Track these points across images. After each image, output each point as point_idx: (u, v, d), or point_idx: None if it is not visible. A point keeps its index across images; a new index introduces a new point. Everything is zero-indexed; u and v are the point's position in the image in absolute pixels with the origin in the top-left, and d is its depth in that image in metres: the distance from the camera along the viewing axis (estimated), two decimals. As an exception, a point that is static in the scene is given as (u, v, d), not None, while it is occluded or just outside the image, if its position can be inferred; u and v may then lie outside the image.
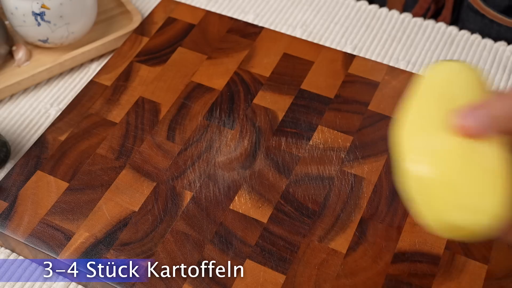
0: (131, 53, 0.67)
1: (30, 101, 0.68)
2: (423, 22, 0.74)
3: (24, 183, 0.56)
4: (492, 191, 0.36)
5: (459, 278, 0.50)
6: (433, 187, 0.36)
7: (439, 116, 0.38)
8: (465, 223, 0.35)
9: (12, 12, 0.66)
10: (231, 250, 0.52)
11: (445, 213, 0.36)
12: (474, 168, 0.36)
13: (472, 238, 0.37)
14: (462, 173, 0.36)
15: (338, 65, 0.65)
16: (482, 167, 0.36)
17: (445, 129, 0.37)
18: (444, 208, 0.36)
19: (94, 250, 0.52)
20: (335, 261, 0.51)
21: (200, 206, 0.54)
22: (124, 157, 0.58)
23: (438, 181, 0.36)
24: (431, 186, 0.36)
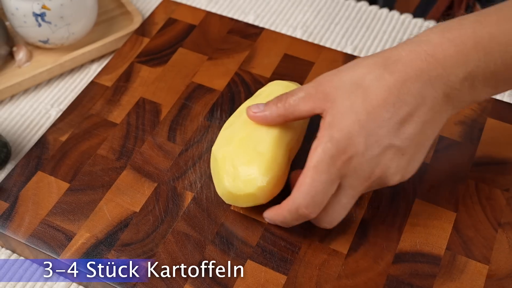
0: (132, 54, 0.67)
1: (31, 101, 0.68)
2: (423, 22, 0.74)
3: (25, 184, 0.56)
4: (258, 169, 0.50)
5: (460, 278, 0.50)
6: (221, 164, 0.51)
7: (245, 116, 0.52)
8: (238, 191, 0.50)
9: (12, 13, 0.66)
10: (232, 250, 0.52)
11: (226, 183, 0.51)
12: (250, 150, 0.51)
13: (247, 204, 0.51)
14: (240, 154, 0.51)
15: (339, 65, 0.64)
16: (256, 150, 0.50)
17: (244, 123, 0.52)
18: (226, 179, 0.51)
19: (95, 250, 0.52)
20: (336, 261, 0.51)
21: (201, 206, 0.54)
22: (125, 158, 0.58)
23: (224, 159, 0.51)
24: (219, 163, 0.51)
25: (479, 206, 0.54)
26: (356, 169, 0.46)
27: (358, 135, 0.46)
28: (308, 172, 0.46)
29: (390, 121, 0.46)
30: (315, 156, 0.46)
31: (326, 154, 0.46)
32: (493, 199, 0.54)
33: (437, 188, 0.55)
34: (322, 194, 0.47)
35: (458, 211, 0.54)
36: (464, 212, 0.54)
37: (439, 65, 0.45)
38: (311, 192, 0.46)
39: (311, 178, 0.46)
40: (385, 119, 0.46)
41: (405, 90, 0.45)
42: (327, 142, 0.46)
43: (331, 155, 0.46)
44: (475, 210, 0.54)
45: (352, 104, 0.46)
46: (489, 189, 0.55)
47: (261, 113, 0.51)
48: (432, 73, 0.45)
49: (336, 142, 0.46)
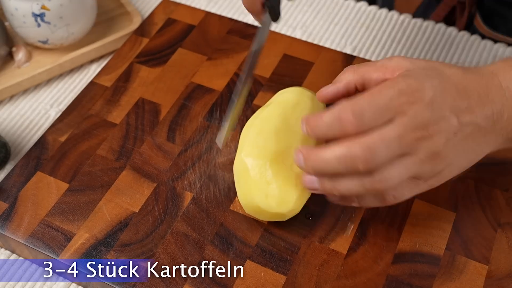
0: (131, 54, 0.67)
1: (30, 102, 0.68)
2: (423, 22, 0.74)
3: (24, 184, 0.56)
4: (294, 190, 0.50)
5: (460, 278, 0.50)
6: (253, 175, 0.50)
7: (276, 125, 0.52)
8: (269, 209, 0.50)
9: (12, 13, 0.66)
10: (232, 250, 0.52)
11: (256, 197, 0.50)
12: (286, 168, 0.50)
13: (269, 219, 0.52)
14: (276, 171, 0.50)
15: (338, 66, 0.65)
16: (292, 169, 0.50)
17: (277, 132, 0.51)
18: (257, 193, 0.50)
19: (95, 251, 0.52)
20: (336, 261, 0.51)
21: (201, 207, 0.54)
22: (124, 158, 0.58)
23: (257, 171, 0.50)
24: (251, 173, 0.50)
25: (479, 206, 0.54)
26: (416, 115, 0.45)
27: (428, 89, 0.46)
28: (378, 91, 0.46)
29: (459, 101, 0.47)
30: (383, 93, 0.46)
31: (395, 89, 0.46)
32: (492, 199, 0.54)
33: (437, 188, 0.55)
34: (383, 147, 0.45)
35: (458, 211, 0.54)
36: (464, 212, 0.54)
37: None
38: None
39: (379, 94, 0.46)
40: (454, 97, 0.47)
41: (484, 87, 0.48)
42: (399, 81, 0.46)
43: (400, 90, 0.46)
44: (474, 210, 0.54)
45: (429, 77, 0.47)
46: (489, 189, 0.55)
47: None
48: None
49: (407, 84, 0.46)
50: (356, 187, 0.46)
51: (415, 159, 0.46)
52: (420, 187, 0.48)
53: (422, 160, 0.46)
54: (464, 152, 0.48)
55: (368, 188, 0.46)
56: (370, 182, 0.46)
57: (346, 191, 0.47)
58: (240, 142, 0.53)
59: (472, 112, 0.47)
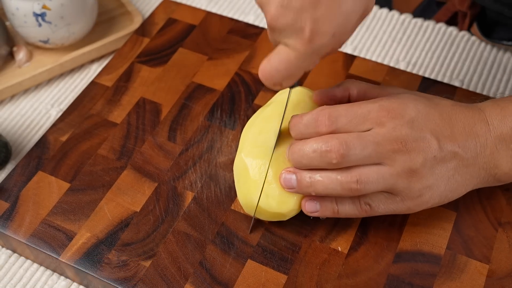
0: (132, 54, 0.67)
1: (31, 101, 0.68)
2: (423, 22, 0.74)
3: (25, 184, 0.56)
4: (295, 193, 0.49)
5: (461, 278, 0.50)
6: (253, 174, 0.50)
7: (277, 125, 0.52)
8: (269, 208, 0.50)
9: (13, 13, 0.66)
10: (233, 250, 0.52)
11: (255, 197, 0.50)
12: (286, 168, 0.49)
13: (269, 219, 0.51)
14: (277, 171, 0.50)
15: (339, 65, 0.65)
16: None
17: (277, 135, 0.51)
18: (256, 193, 0.50)
19: (96, 250, 0.52)
20: (337, 261, 0.51)
21: (202, 206, 0.54)
22: (125, 158, 0.58)
23: (257, 170, 0.50)
24: (251, 173, 0.50)
25: (480, 205, 0.54)
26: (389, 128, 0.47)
27: (411, 109, 0.48)
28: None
29: (442, 128, 0.48)
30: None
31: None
32: (493, 199, 0.54)
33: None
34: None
35: (459, 211, 0.54)
36: (465, 212, 0.54)
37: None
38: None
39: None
40: (438, 123, 0.48)
41: (469, 120, 0.49)
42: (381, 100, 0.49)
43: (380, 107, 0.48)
44: (475, 210, 0.54)
45: (415, 100, 0.49)
46: (490, 189, 0.55)
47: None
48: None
49: (390, 102, 0.48)
50: (332, 182, 0.47)
51: (391, 170, 0.47)
52: (397, 205, 0.49)
53: (398, 173, 0.47)
54: (446, 179, 0.48)
55: (343, 186, 0.47)
56: (345, 178, 0.47)
57: (322, 187, 0.48)
58: (241, 141, 0.53)
59: (455, 141, 0.48)
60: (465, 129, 0.49)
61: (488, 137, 0.49)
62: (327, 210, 0.50)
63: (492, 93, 0.67)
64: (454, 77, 0.69)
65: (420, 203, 0.49)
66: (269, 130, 0.52)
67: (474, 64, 0.70)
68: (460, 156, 0.48)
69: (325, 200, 0.50)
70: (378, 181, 0.47)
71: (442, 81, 0.67)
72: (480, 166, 0.49)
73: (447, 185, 0.49)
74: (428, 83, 0.63)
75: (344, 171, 0.48)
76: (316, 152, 0.47)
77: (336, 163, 0.47)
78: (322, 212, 0.50)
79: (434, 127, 0.48)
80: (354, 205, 0.49)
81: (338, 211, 0.50)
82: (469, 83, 0.68)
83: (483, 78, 0.68)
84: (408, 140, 0.47)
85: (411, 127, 0.48)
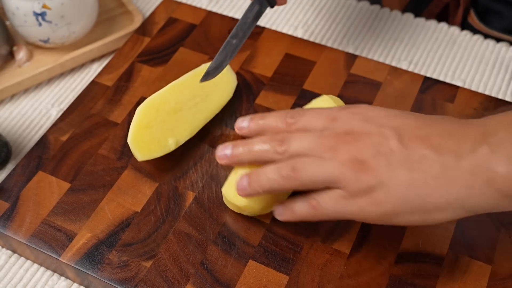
0: (133, 53, 0.67)
1: (31, 101, 0.68)
2: (425, 22, 0.74)
3: (25, 184, 0.56)
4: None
5: (463, 278, 0.50)
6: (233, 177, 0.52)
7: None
8: (227, 196, 0.52)
9: (13, 12, 0.66)
10: (234, 250, 0.51)
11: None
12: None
13: (237, 210, 0.53)
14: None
15: (340, 65, 0.65)
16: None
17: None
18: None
19: (97, 250, 0.52)
20: (339, 261, 0.51)
21: (203, 206, 0.54)
22: (126, 158, 0.58)
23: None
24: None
25: (482, 205, 0.54)
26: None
27: (372, 111, 0.47)
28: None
29: (413, 127, 0.45)
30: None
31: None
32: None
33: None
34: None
35: (461, 211, 0.54)
36: (467, 212, 0.54)
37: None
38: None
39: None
40: (409, 122, 0.46)
41: (456, 126, 0.44)
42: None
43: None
44: (477, 210, 0.54)
45: (386, 110, 0.48)
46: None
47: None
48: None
49: (354, 106, 0.49)
50: (272, 171, 0.47)
51: (334, 160, 0.45)
52: (347, 203, 0.45)
53: (342, 162, 0.44)
54: (408, 180, 0.43)
55: (281, 173, 0.46)
56: (283, 165, 0.47)
57: (265, 178, 0.47)
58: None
59: (426, 141, 0.43)
60: (447, 132, 0.44)
61: (480, 139, 0.42)
62: (286, 211, 0.49)
63: (494, 93, 0.67)
64: (456, 76, 0.68)
65: (373, 202, 0.44)
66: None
67: (476, 64, 0.70)
68: (431, 157, 0.43)
69: (286, 201, 0.50)
70: (316, 169, 0.45)
71: (444, 80, 0.67)
72: (465, 170, 0.42)
73: (412, 188, 0.43)
74: (430, 83, 0.63)
75: (284, 160, 0.47)
76: (265, 142, 0.48)
77: (280, 152, 0.47)
78: (285, 216, 0.49)
79: (400, 126, 0.44)
80: (303, 200, 0.47)
81: (293, 210, 0.48)
82: (471, 82, 0.68)
83: (485, 78, 0.68)
84: (356, 132, 0.45)
85: (366, 121, 0.45)
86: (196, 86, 0.59)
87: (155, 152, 0.55)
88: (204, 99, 0.59)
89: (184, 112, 0.57)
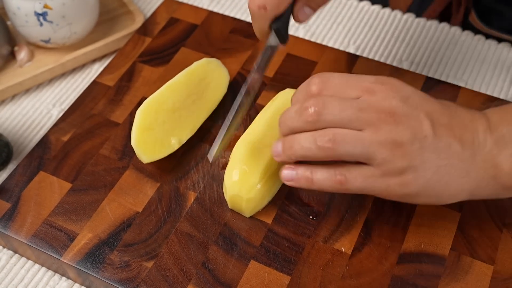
0: (134, 54, 0.67)
1: (32, 101, 0.68)
2: (426, 22, 0.74)
3: (27, 184, 0.56)
4: (257, 175, 0.52)
5: (465, 279, 0.50)
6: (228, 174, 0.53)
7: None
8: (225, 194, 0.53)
9: (14, 12, 0.66)
10: (236, 251, 0.51)
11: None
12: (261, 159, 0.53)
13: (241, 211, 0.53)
14: (244, 176, 0.52)
15: (342, 65, 0.65)
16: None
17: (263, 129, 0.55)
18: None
19: (98, 251, 0.52)
20: (340, 262, 0.51)
21: (204, 206, 0.54)
22: (127, 158, 0.58)
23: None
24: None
25: (484, 206, 0.54)
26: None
27: (408, 90, 0.47)
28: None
29: (440, 115, 0.46)
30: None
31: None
32: (497, 199, 0.54)
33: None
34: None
35: (463, 211, 0.54)
36: (469, 212, 0.53)
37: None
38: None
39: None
40: (436, 109, 0.47)
41: (470, 117, 0.48)
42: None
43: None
44: (479, 210, 0.54)
45: (416, 91, 0.48)
46: (494, 189, 0.55)
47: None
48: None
49: (388, 79, 0.48)
50: (307, 140, 0.46)
51: (373, 136, 0.45)
52: (376, 181, 0.46)
53: (381, 141, 0.45)
54: (435, 167, 0.45)
55: (317, 144, 0.45)
56: (319, 135, 0.46)
57: (299, 146, 0.46)
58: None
59: (451, 130, 0.46)
60: (464, 123, 0.47)
61: (487, 134, 0.46)
62: (302, 177, 0.48)
63: (496, 93, 0.67)
64: (458, 76, 0.68)
65: (401, 183, 0.46)
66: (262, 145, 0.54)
67: (478, 64, 0.69)
68: (455, 148, 0.46)
69: (301, 167, 0.48)
70: (355, 144, 0.45)
71: (446, 80, 0.67)
72: (478, 165, 0.46)
73: (436, 175, 0.46)
74: (431, 83, 0.62)
75: (320, 130, 0.46)
76: (297, 112, 0.47)
77: (312, 120, 0.46)
78: (297, 180, 0.48)
79: (431, 111, 0.46)
80: (329, 174, 0.47)
81: (312, 180, 0.47)
82: (472, 83, 0.68)
83: (487, 78, 0.68)
84: (397, 113, 0.45)
85: (405, 102, 0.45)
86: (191, 84, 0.59)
87: (160, 152, 0.55)
88: (201, 97, 0.59)
89: (183, 111, 0.57)
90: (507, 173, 0.46)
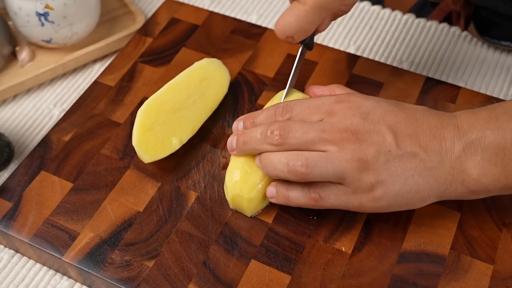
0: (135, 54, 0.67)
1: (34, 101, 0.68)
2: (426, 23, 0.74)
3: (28, 184, 0.56)
4: (257, 175, 0.52)
5: (465, 278, 0.50)
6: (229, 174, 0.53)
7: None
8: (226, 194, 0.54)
9: (15, 12, 0.66)
10: (236, 250, 0.52)
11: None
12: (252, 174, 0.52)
13: (242, 210, 0.53)
14: (245, 175, 0.52)
15: (342, 65, 0.65)
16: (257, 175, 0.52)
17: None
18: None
19: (99, 250, 0.52)
20: (341, 261, 0.51)
21: (205, 206, 0.54)
22: (128, 158, 0.58)
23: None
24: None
25: (484, 205, 0.54)
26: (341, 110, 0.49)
27: (369, 104, 0.49)
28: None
29: (404, 126, 0.48)
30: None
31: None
32: (497, 199, 0.54)
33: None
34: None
35: (463, 211, 0.54)
36: (469, 212, 0.54)
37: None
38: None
39: None
40: (400, 121, 0.48)
41: (438, 123, 0.48)
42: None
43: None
44: (479, 210, 0.54)
45: (379, 100, 0.50)
46: (493, 189, 0.55)
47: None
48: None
49: (347, 96, 0.50)
50: (280, 163, 0.48)
51: (340, 156, 0.47)
52: (348, 198, 0.48)
53: (347, 160, 0.47)
54: (403, 178, 0.47)
55: (289, 168, 0.47)
56: (291, 159, 0.48)
57: (271, 167, 0.49)
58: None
59: (416, 140, 0.47)
60: (431, 130, 0.48)
61: (456, 140, 0.47)
62: (280, 195, 0.51)
63: (496, 93, 0.67)
64: (458, 77, 0.69)
65: (373, 199, 0.48)
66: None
67: (478, 65, 0.70)
68: (420, 157, 0.47)
69: (280, 185, 0.51)
70: (326, 166, 0.47)
71: (446, 81, 0.67)
72: (446, 171, 0.47)
73: (405, 186, 0.47)
74: (431, 83, 0.63)
75: (292, 153, 0.48)
76: (262, 134, 0.49)
77: (277, 143, 0.48)
78: (277, 197, 0.51)
79: (393, 123, 0.48)
80: (303, 192, 0.49)
81: (288, 197, 0.50)
82: (472, 83, 0.68)
83: (487, 79, 0.68)
84: (359, 131, 0.47)
85: (365, 118, 0.47)
86: (191, 84, 0.59)
87: (161, 152, 0.55)
88: (201, 96, 0.59)
89: (184, 111, 0.57)
90: (474, 179, 0.48)
